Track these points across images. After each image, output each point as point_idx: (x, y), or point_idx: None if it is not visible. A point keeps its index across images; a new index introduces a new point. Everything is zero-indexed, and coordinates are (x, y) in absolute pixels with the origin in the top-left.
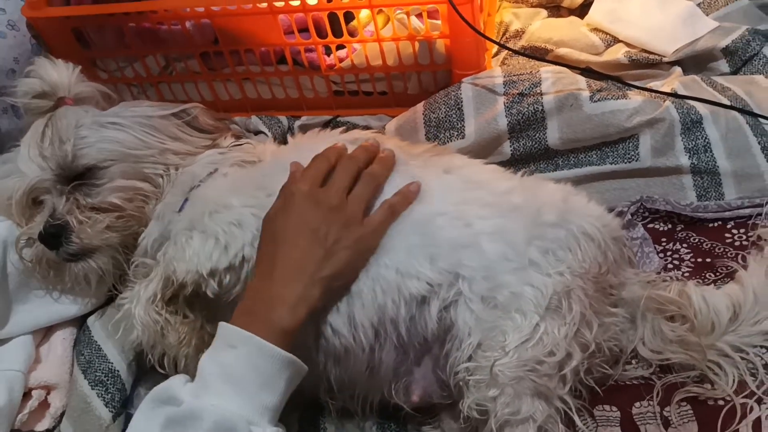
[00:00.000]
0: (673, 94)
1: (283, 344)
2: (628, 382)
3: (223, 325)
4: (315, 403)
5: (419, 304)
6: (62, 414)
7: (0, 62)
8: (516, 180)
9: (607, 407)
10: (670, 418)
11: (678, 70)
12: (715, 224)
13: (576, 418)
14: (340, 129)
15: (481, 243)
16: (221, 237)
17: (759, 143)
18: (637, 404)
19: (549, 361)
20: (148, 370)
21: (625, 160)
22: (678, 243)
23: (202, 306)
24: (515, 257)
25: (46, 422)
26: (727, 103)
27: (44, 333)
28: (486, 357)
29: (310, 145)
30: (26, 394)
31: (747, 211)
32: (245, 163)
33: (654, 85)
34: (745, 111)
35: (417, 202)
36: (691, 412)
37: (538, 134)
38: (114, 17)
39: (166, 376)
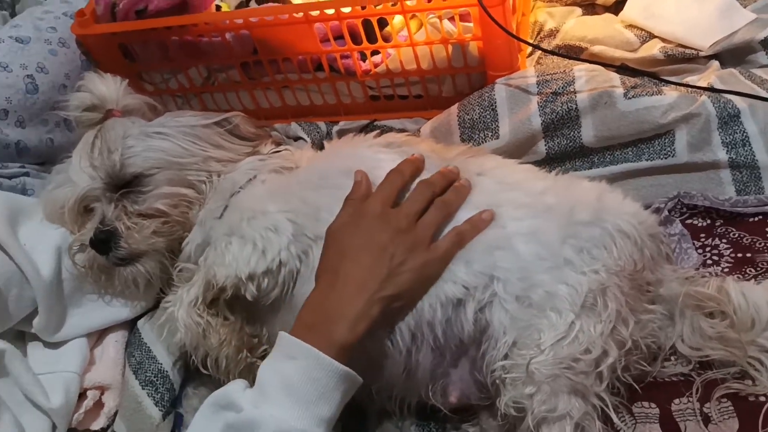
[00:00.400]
0: (710, 89)
1: (341, 358)
2: (667, 379)
3: (283, 336)
4: (354, 403)
5: (455, 307)
6: (116, 413)
7: (52, 78)
8: (550, 180)
9: (646, 404)
10: (710, 414)
11: (715, 63)
12: (756, 219)
13: (613, 415)
14: (374, 133)
15: (516, 244)
16: (259, 242)
17: None
18: (677, 401)
19: (585, 359)
20: (195, 371)
21: (661, 156)
22: (717, 238)
23: (241, 308)
24: (549, 256)
25: (101, 421)
26: (766, 95)
27: (98, 336)
28: (522, 355)
29: (344, 150)
30: (82, 395)
31: None
32: (283, 169)
33: (691, 79)
34: None
35: None
36: (732, 408)
37: (572, 133)
38: (157, 32)
39: (211, 377)
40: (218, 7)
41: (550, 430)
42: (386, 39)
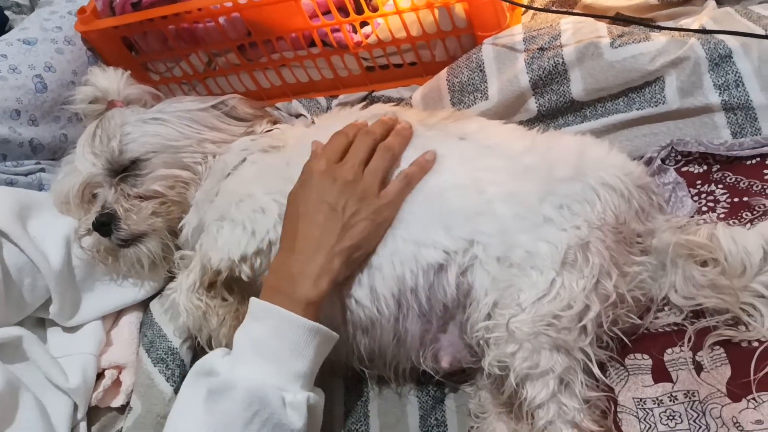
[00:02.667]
0: (700, 30)
1: (308, 315)
2: (660, 330)
3: (252, 300)
4: (356, 372)
5: (437, 272)
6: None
7: (60, 76)
8: (529, 139)
9: (638, 356)
10: (702, 362)
11: (711, 4)
12: (753, 161)
13: (595, 368)
14: (360, 105)
15: (495, 208)
16: (248, 224)
17: None
18: (669, 351)
19: (566, 315)
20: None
21: (652, 104)
22: (713, 184)
23: (239, 289)
24: (529, 216)
25: (120, 398)
26: (762, 32)
27: (114, 318)
28: (503, 314)
29: (329, 124)
30: (101, 374)
31: None
32: (271, 148)
33: (686, 22)
34: None
35: (430, 174)
36: (725, 355)
37: (561, 87)
38: (154, 22)
39: None
40: None
41: (534, 386)
42: (374, 10)
